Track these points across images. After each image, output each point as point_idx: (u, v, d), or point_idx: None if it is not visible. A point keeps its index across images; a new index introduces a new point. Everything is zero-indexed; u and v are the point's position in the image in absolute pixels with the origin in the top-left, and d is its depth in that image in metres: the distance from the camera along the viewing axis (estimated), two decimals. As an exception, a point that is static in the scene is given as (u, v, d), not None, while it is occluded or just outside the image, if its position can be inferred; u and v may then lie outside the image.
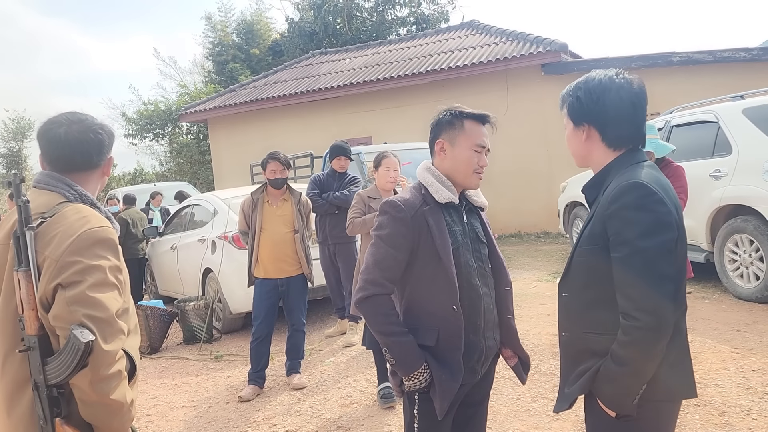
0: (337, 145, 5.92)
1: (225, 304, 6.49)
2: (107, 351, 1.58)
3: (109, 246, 1.69)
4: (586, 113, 1.77)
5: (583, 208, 8.34)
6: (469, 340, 2.06)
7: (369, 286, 2.05)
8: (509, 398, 4.02)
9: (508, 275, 2.24)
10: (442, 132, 2.16)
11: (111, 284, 1.66)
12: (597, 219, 1.69)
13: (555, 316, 6.42)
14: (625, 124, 1.75)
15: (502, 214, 11.03)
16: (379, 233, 2.09)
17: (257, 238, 4.74)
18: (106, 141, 1.85)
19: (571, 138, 1.84)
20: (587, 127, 1.77)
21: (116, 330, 1.62)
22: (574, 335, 1.78)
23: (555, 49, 11.33)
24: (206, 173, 19.98)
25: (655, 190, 1.61)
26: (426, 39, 15.70)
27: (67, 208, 1.72)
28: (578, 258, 1.75)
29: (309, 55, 17.83)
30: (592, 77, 1.79)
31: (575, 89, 1.80)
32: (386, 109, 13.10)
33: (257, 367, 4.75)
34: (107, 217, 1.81)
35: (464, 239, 2.11)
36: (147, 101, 24.04)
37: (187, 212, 7.91)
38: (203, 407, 4.59)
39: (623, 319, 1.58)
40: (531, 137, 11.69)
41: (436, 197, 2.08)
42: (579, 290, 1.76)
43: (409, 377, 2.01)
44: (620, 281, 1.59)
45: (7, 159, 31.05)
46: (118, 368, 1.62)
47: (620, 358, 1.58)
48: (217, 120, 16.03)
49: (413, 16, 23.16)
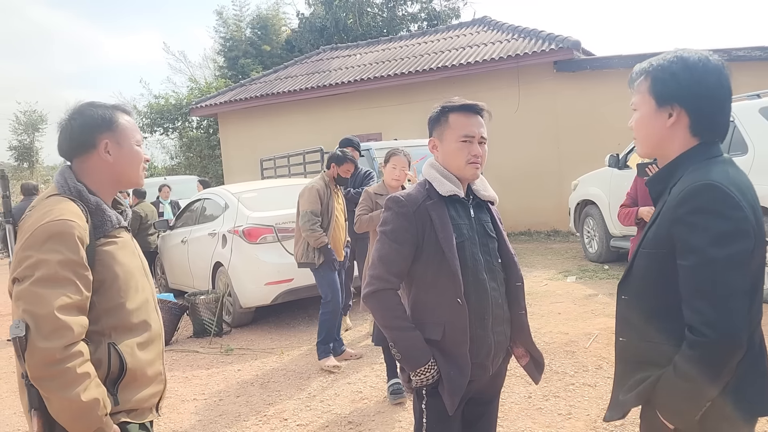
0: (346, 138, 6.12)
1: (235, 298, 6.50)
2: (41, 348, 1.56)
3: (64, 240, 1.64)
4: (680, 92, 1.54)
5: (595, 207, 8.30)
6: (477, 335, 2.04)
7: (375, 282, 2.06)
8: (521, 396, 4.01)
9: (519, 270, 2.21)
10: (433, 130, 2.17)
11: (60, 279, 1.61)
12: (663, 221, 1.53)
13: (566, 314, 6.38)
14: (719, 111, 1.56)
15: (511, 212, 10.98)
16: (383, 229, 2.10)
17: (332, 223, 5.16)
18: (89, 122, 1.81)
19: (647, 120, 1.61)
20: (677, 108, 1.55)
21: (57, 326, 1.57)
22: (632, 341, 1.64)
23: (568, 47, 11.25)
24: (216, 167, 20.04)
25: (730, 192, 1.43)
26: (437, 35, 15.65)
27: (46, 201, 1.75)
28: (640, 261, 1.61)
29: (320, 51, 17.81)
30: (687, 54, 1.57)
31: (669, 63, 1.57)
32: (396, 105, 13.07)
33: (332, 339, 5.14)
34: (95, 209, 1.76)
35: (471, 233, 2.09)
36: (157, 95, 24.13)
37: (197, 206, 7.93)
38: (214, 400, 4.60)
39: (689, 333, 1.43)
40: (542, 135, 11.64)
41: (439, 190, 2.08)
42: (640, 295, 1.61)
43: (416, 372, 2.00)
44: (687, 292, 1.45)
45: (18, 151, 31.26)
46: (65, 366, 1.57)
47: (684, 373, 1.45)
48: (228, 114, 16.05)
49: (424, 12, 23.10)
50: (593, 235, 8.44)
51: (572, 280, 7.34)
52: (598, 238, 8.29)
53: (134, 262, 1.86)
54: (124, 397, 1.75)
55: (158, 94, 24.36)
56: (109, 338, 1.73)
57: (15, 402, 4.87)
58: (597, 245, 8.33)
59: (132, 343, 1.77)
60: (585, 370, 4.31)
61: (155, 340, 1.87)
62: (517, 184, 11.15)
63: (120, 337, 1.75)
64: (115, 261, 1.76)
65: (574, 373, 4.29)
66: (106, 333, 1.73)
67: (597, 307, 5.93)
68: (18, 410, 4.66)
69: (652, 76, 1.60)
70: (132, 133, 1.88)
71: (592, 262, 8.34)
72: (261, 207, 6.71)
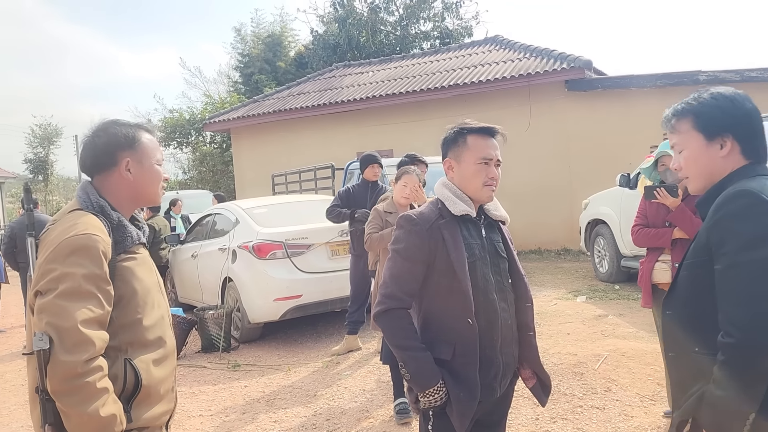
0: (368, 154, 6.05)
1: (243, 314, 6.51)
2: (64, 361, 1.56)
3: (89, 254, 1.66)
4: (729, 122, 1.62)
5: (605, 226, 8.26)
6: (486, 356, 2.03)
7: (387, 300, 2.06)
8: (528, 418, 3.97)
9: (529, 291, 2.21)
10: (449, 150, 2.17)
11: (84, 293, 1.62)
12: (703, 230, 1.58)
13: (575, 334, 6.30)
14: (760, 133, 1.63)
15: (521, 230, 10.93)
16: (395, 247, 2.11)
17: None
18: (112, 140, 1.84)
19: (698, 155, 1.66)
20: (729, 138, 1.61)
21: (80, 340, 1.58)
22: (681, 355, 1.65)
23: (579, 66, 11.27)
24: (228, 182, 20.18)
25: (764, 198, 1.46)
26: (449, 53, 15.75)
27: (68, 215, 1.77)
28: (684, 272, 1.65)
29: (332, 68, 17.98)
30: (720, 90, 1.66)
31: (711, 99, 1.65)
32: (408, 122, 13.13)
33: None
34: (117, 225, 1.78)
35: (482, 253, 2.09)
36: (171, 109, 24.42)
37: (208, 221, 7.97)
38: (220, 417, 4.59)
39: (720, 337, 1.46)
40: (553, 153, 11.63)
41: (452, 210, 2.09)
42: (684, 306, 1.64)
43: (424, 394, 1.99)
44: (719, 295, 1.49)
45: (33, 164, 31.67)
46: (85, 380, 1.57)
47: (719, 380, 1.45)
48: (241, 130, 16.19)
49: (437, 30, 23.28)
50: (604, 254, 8.39)
51: (582, 300, 7.29)
52: (608, 258, 8.23)
53: (152, 278, 1.87)
54: (137, 414, 1.73)
55: (172, 108, 24.69)
56: (125, 354, 1.73)
57: (24, 415, 4.89)
58: (608, 265, 8.27)
59: (148, 359, 1.76)
60: (594, 393, 4.27)
61: (169, 357, 1.87)
62: (527, 202, 11.13)
63: (136, 353, 1.75)
64: (134, 277, 1.77)
65: (583, 395, 4.25)
66: (123, 348, 1.73)
67: (607, 328, 5.87)
68: (26, 423, 4.68)
69: (694, 113, 1.66)
70: (153, 152, 1.89)
71: (603, 282, 8.28)
72: (271, 223, 6.74)
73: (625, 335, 5.56)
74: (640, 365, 4.70)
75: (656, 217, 3.77)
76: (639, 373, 4.54)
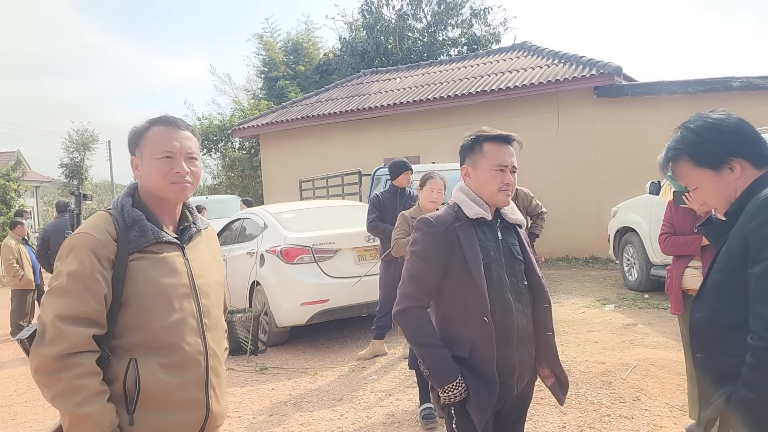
0: (400, 161, 5.93)
1: (271, 318, 6.58)
2: (38, 353, 1.62)
3: (78, 252, 1.69)
4: (729, 147, 1.66)
5: (635, 234, 8.15)
6: (503, 354, 2.09)
7: (405, 300, 2.15)
8: (554, 426, 3.95)
9: (546, 293, 2.25)
10: (466, 157, 2.24)
11: (69, 290, 1.66)
12: (735, 235, 1.59)
13: (603, 343, 6.24)
14: (761, 141, 1.67)
15: (549, 238, 10.82)
16: (413, 249, 2.20)
17: None
18: (128, 142, 1.88)
19: (714, 187, 1.69)
20: (735, 160, 1.66)
21: (55, 335, 1.61)
22: (709, 357, 1.67)
23: (609, 72, 11.16)
24: (256, 188, 20.41)
25: None
26: (477, 60, 15.73)
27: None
28: (714, 275, 1.66)
29: (360, 74, 18.11)
30: (698, 121, 1.71)
31: (696, 135, 1.70)
32: (435, 128, 13.14)
33: None
34: (131, 224, 1.77)
35: (497, 255, 2.15)
36: (201, 116, 24.80)
37: (237, 225, 8.09)
38: (247, 419, 4.66)
39: (750, 339, 1.47)
40: (581, 160, 11.53)
41: (468, 213, 2.16)
42: (714, 308, 1.65)
43: (444, 389, 2.06)
44: (753, 299, 1.50)
45: (69, 169, 32.42)
46: (59, 375, 1.60)
47: (748, 382, 1.47)
48: (269, 136, 16.38)
49: (465, 37, 23.26)
50: (633, 263, 8.28)
51: (610, 308, 7.21)
52: (638, 267, 8.12)
53: (172, 279, 1.79)
54: (143, 419, 1.70)
55: (202, 115, 25.08)
56: (132, 354, 1.71)
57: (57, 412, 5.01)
58: (637, 273, 8.16)
59: (154, 362, 1.72)
60: (622, 402, 4.22)
61: (189, 365, 1.78)
62: (555, 209, 11.00)
63: (142, 355, 1.72)
64: (142, 277, 1.74)
65: (611, 404, 4.21)
66: (129, 349, 1.72)
67: (636, 337, 5.80)
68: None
69: (689, 153, 1.71)
70: (155, 145, 1.81)
71: (632, 291, 8.17)
72: (299, 228, 6.81)
73: (654, 344, 5.48)
74: (669, 375, 4.63)
75: (683, 225, 3.72)
76: (668, 383, 4.48)
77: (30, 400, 5.62)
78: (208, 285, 1.92)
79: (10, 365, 7.14)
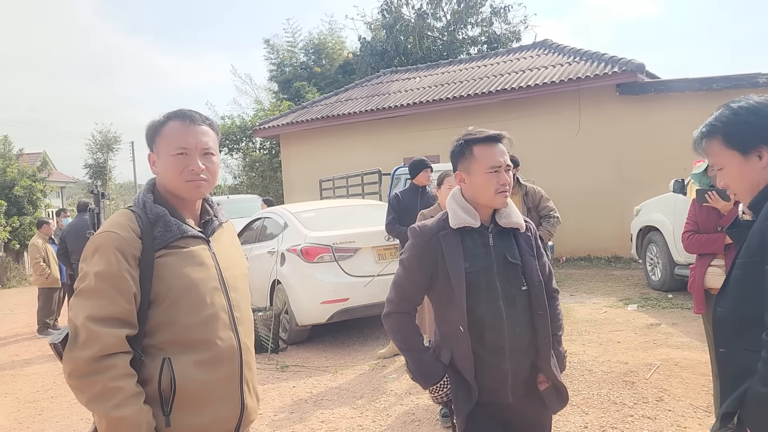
0: (419, 159, 5.92)
1: (291, 316, 6.63)
2: (72, 357, 1.58)
3: (104, 252, 1.65)
4: (762, 134, 1.63)
5: (658, 233, 8.05)
6: (490, 363, 2.07)
7: (388, 304, 2.22)
8: (576, 426, 3.92)
9: (543, 299, 2.16)
10: (458, 163, 2.20)
11: (98, 290, 1.62)
12: (756, 230, 1.59)
13: (626, 343, 6.17)
14: None
15: (571, 237, 10.78)
16: (401, 257, 2.25)
17: None
18: (146, 136, 1.84)
19: (739, 171, 1.68)
20: (765, 149, 1.64)
21: (87, 337, 1.57)
22: (731, 352, 1.66)
23: (631, 69, 11.04)
24: (276, 187, 20.53)
25: None
26: (497, 58, 15.65)
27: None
28: (737, 271, 1.66)
29: (380, 74, 18.12)
30: (740, 103, 1.68)
31: (734, 115, 1.67)
32: (455, 127, 12.97)
33: None
34: (155, 220, 1.73)
35: (487, 262, 2.10)
36: (223, 116, 24.99)
37: (258, 225, 8.14)
38: (269, 416, 4.69)
39: (765, 335, 1.47)
40: (603, 159, 11.42)
41: (450, 223, 2.14)
42: (735, 304, 1.65)
43: (430, 390, 2.12)
44: (767, 294, 1.50)
45: (92, 169, 32.91)
46: (93, 378, 1.56)
47: (763, 378, 1.46)
48: (289, 136, 16.47)
49: (484, 35, 23.14)
50: (656, 262, 8.18)
51: (633, 308, 7.13)
52: (661, 266, 8.02)
53: (201, 274, 1.75)
54: (180, 420, 1.67)
55: (223, 115, 25.25)
56: (165, 353, 1.67)
57: (83, 408, 5.09)
58: (660, 273, 8.06)
59: (189, 360, 1.68)
60: (645, 402, 4.18)
61: (223, 360, 1.74)
62: (577, 208, 10.94)
63: (176, 353, 1.67)
64: (171, 273, 1.70)
65: (633, 404, 4.16)
66: (162, 348, 1.67)
67: (659, 337, 5.73)
68: (85, 416, 4.88)
69: (722, 132, 1.68)
70: (170, 141, 1.78)
71: (655, 291, 8.07)
72: (319, 227, 6.84)
73: (678, 345, 5.41)
74: (694, 375, 4.57)
75: (707, 223, 3.68)
76: (693, 384, 4.42)
77: (56, 396, 5.72)
78: (235, 278, 1.89)
79: (37, 362, 7.27)
